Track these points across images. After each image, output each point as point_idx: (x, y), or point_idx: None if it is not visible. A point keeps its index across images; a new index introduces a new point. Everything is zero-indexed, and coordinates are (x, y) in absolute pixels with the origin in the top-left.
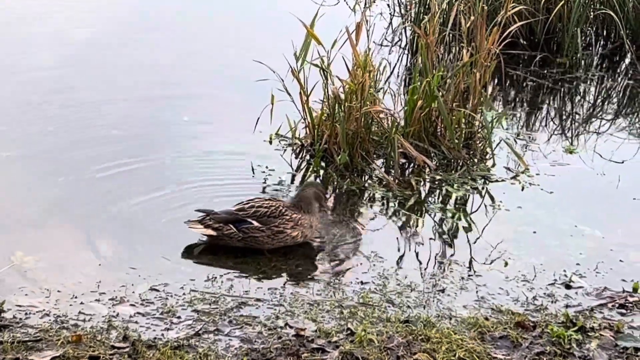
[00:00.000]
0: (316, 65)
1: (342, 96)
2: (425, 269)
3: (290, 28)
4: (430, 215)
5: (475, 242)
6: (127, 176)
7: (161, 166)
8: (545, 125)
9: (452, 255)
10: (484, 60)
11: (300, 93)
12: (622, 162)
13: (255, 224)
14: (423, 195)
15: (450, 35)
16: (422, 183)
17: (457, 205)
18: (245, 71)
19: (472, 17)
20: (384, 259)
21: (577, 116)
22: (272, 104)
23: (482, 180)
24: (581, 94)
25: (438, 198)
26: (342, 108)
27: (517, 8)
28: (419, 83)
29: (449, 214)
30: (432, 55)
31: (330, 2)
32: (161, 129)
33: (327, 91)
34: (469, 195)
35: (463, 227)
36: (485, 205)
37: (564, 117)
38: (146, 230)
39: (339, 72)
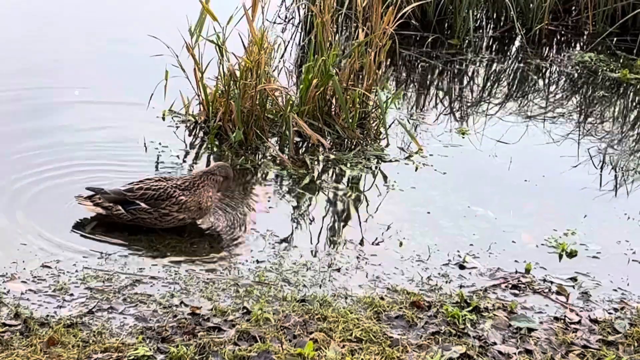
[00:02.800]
0: (211, 42)
1: (238, 73)
2: (320, 249)
3: (185, 2)
4: (324, 194)
5: (369, 222)
6: (14, 150)
7: (52, 142)
8: (436, 106)
9: (347, 234)
10: (378, 40)
11: (194, 69)
12: (512, 144)
13: (143, 205)
14: (317, 174)
15: (344, 14)
16: (316, 162)
17: (351, 185)
18: (139, 46)
19: None
20: (279, 238)
21: (468, 98)
22: (166, 79)
23: (376, 160)
24: (471, 75)
25: (332, 177)
26: (237, 85)
27: None
28: (314, 62)
29: (344, 193)
30: (327, 34)
31: None
32: (51, 103)
33: (222, 68)
34: (363, 174)
35: (357, 206)
36: (379, 185)
37: (455, 98)
38: (36, 206)
39: (234, 49)
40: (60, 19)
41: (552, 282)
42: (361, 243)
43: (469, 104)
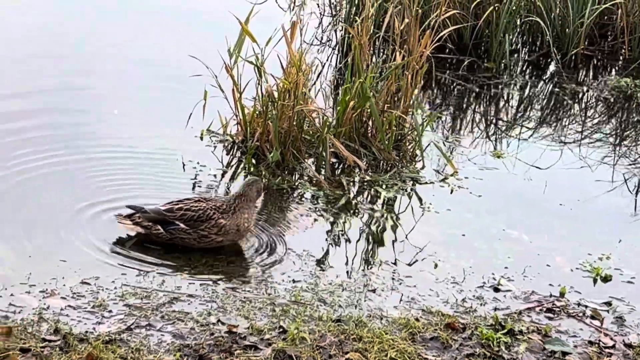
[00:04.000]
0: (250, 62)
1: (276, 94)
2: (356, 269)
3: (226, 25)
4: (360, 215)
5: (405, 244)
6: (56, 168)
7: (92, 159)
8: (472, 129)
9: (382, 255)
10: (415, 62)
11: (233, 90)
12: (547, 168)
13: (182, 226)
14: (353, 195)
15: (382, 37)
16: (352, 183)
17: (387, 206)
18: (179, 66)
19: (406, 20)
20: (315, 258)
21: (503, 121)
22: (205, 99)
23: (412, 182)
24: (506, 99)
25: (368, 198)
26: (275, 106)
27: (450, 12)
28: (351, 84)
29: (379, 215)
30: (365, 57)
31: (262, 1)
32: (92, 121)
33: (261, 89)
34: (398, 196)
35: (393, 228)
36: (415, 207)
37: (490, 121)
38: (76, 223)
39: (272, 70)
40: (100, 38)
41: (586, 306)
42: (396, 264)
43: (504, 128)
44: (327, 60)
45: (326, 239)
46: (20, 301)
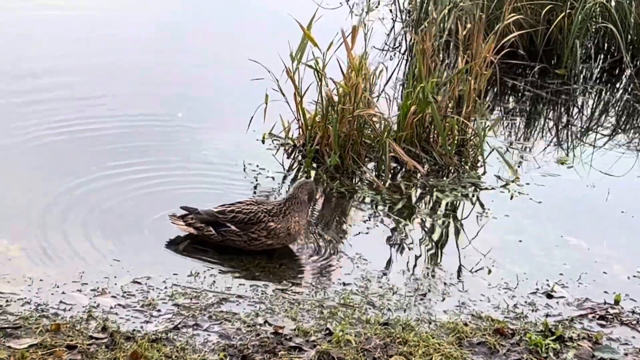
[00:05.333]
0: (310, 67)
1: (336, 98)
2: (409, 273)
3: (288, 28)
4: (418, 220)
5: (460, 249)
6: (116, 170)
7: (152, 161)
8: (541, 136)
9: (437, 260)
10: (479, 68)
11: (294, 94)
12: (615, 176)
13: (233, 228)
14: (412, 199)
15: (450, 42)
16: (412, 188)
17: (445, 211)
18: (240, 70)
19: (468, 25)
20: (369, 262)
21: (572, 128)
22: (266, 103)
23: (472, 187)
24: (578, 106)
25: (427, 203)
26: (335, 110)
27: (514, 17)
28: (413, 88)
29: (437, 220)
30: (428, 61)
31: (333, 5)
32: (154, 124)
33: (321, 93)
34: (458, 201)
35: (450, 233)
36: (474, 213)
37: (560, 128)
38: (131, 224)
39: (335, 74)
40: (161, 43)
41: None
42: (449, 269)
43: (570, 134)
44: (397, 65)
45: (380, 243)
46: (71, 299)
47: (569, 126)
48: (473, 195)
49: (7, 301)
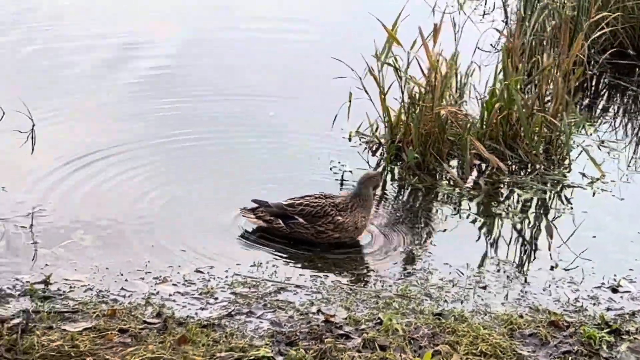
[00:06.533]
0: (389, 64)
1: (417, 96)
2: (472, 266)
3: (374, 26)
4: (491, 215)
5: (530, 243)
6: (200, 162)
7: (237, 157)
8: (631, 135)
9: (502, 254)
10: (567, 66)
11: (379, 92)
12: None
13: (301, 221)
14: (490, 196)
15: (540, 40)
16: (492, 184)
17: (522, 208)
18: (323, 69)
19: (553, 22)
20: (433, 255)
21: None
22: (350, 101)
23: (555, 184)
24: None
25: (505, 200)
26: (415, 108)
27: (600, 15)
28: (498, 86)
29: (511, 216)
30: (515, 59)
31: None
32: (247, 121)
33: (403, 91)
34: (536, 198)
35: (521, 228)
36: (551, 209)
37: None
38: (205, 215)
39: (418, 71)
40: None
41: None
42: (514, 263)
43: None
44: (496, 64)
45: (449, 237)
46: (132, 286)
47: None
48: (554, 192)
49: (70, 287)
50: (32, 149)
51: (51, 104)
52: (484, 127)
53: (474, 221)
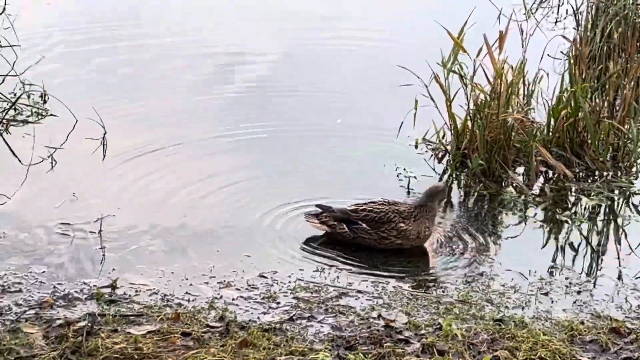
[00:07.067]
0: (455, 72)
1: (482, 103)
2: (534, 273)
3: (437, 36)
4: (556, 222)
5: (594, 250)
6: (266, 169)
7: (305, 162)
8: None
9: (566, 261)
10: (635, 72)
11: (445, 100)
12: None
13: (364, 226)
14: (556, 202)
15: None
16: (557, 191)
17: (587, 214)
18: (387, 75)
19: (623, 29)
20: (496, 261)
21: None
22: (416, 109)
23: (621, 192)
24: None
25: (571, 207)
26: (481, 115)
27: None
28: (563, 93)
29: (576, 223)
30: (582, 66)
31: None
32: (313, 127)
33: (468, 98)
34: (602, 205)
35: (586, 235)
36: (616, 217)
37: None
38: (269, 220)
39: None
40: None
41: None
42: (578, 270)
43: None
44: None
45: (512, 244)
46: (197, 290)
47: None
48: (621, 200)
49: (136, 291)
50: (104, 156)
51: (123, 111)
52: (550, 134)
53: (538, 228)
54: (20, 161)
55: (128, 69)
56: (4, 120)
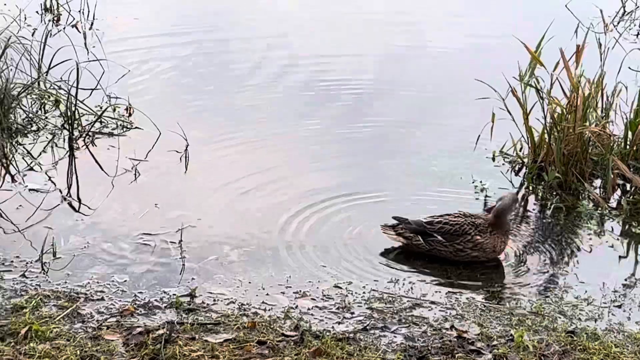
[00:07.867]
0: (532, 86)
1: (558, 117)
2: (609, 286)
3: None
4: (633, 235)
5: None
6: (344, 181)
7: (382, 174)
8: None
9: None
10: None
11: (522, 113)
12: None
13: (440, 238)
14: (632, 216)
15: None
16: (634, 205)
17: None
18: (465, 89)
19: None
20: (570, 273)
21: None
22: (493, 122)
23: None
24: None
25: None
26: (557, 128)
27: None
28: None
29: None
30: None
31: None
32: (390, 139)
33: (544, 112)
34: None
35: None
36: None
37: None
38: (346, 231)
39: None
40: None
41: None
42: None
43: None
44: None
45: (588, 257)
46: (273, 300)
47: None
48: None
49: (214, 300)
50: (186, 169)
51: (206, 124)
52: (628, 147)
53: (614, 241)
54: (106, 173)
55: (214, 82)
56: (90, 133)
